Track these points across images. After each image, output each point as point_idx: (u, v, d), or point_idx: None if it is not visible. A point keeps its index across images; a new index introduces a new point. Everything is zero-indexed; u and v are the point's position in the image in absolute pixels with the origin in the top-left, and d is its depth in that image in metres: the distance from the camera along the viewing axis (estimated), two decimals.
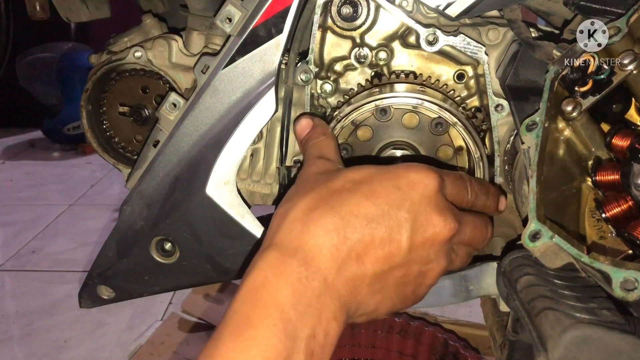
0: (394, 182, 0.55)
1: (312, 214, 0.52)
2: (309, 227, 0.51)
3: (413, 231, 0.53)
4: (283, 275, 0.49)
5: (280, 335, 0.46)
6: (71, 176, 3.57)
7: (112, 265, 0.86)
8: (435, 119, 0.77)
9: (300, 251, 0.50)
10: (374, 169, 0.57)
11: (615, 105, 0.67)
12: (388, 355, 1.63)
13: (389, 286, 0.54)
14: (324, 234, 0.51)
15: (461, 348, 1.53)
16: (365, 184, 0.54)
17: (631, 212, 0.61)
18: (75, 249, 2.58)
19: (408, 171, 0.56)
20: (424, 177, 0.55)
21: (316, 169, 0.60)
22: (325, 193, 0.54)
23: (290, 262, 0.50)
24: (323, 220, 0.51)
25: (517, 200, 0.78)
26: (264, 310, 0.47)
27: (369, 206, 0.53)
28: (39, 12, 1.05)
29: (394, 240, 0.52)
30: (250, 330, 0.46)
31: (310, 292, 0.49)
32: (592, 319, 0.52)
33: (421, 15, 0.81)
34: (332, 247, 0.51)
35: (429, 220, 0.54)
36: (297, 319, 0.47)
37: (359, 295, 0.52)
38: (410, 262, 0.54)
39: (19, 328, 2.01)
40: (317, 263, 0.50)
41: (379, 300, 0.54)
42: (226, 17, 0.77)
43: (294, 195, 0.56)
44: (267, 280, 0.49)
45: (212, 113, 0.79)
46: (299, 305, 0.48)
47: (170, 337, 1.86)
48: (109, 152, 0.99)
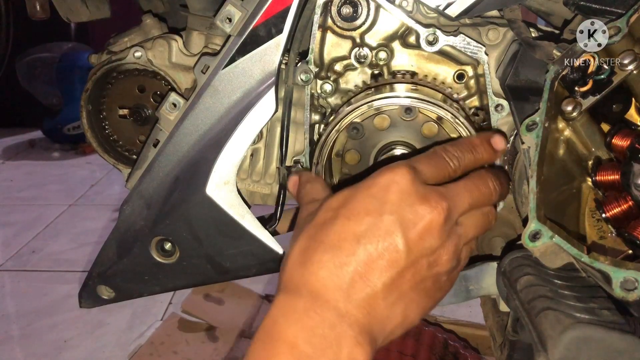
0: (367, 192, 0.56)
1: (306, 254, 0.54)
2: (307, 267, 0.53)
3: (404, 230, 0.53)
4: (291, 314, 0.51)
5: None
6: (71, 176, 3.57)
7: (112, 265, 0.86)
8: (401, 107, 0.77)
9: (304, 289, 0.52)
10: (347, 190, 0.58)
11: (615, 105, 0.67)
12: (388, 355, 1.63)
13: (406, 291, 0.54)
14: (321, 267, 0.52)
15: (461, 348, 1.53)
16: (344, 207, 0.56)
17: (631, 212, 0.61)
18: (75, 249, 2.58)
19: (377, 177, 0.57)
20: (393, 175, 0.56)
21: (305, 213, 0.62)
22: (313, 231, 0.56)
23: (297, 301, 0.52)
24: (317, 255, 0.53)
25: (517, 200, 0.78)
26: (275, 350, 0.49)
27: (353, 225, 0.54)
28: (39, 12, 1.05)
29: (389, 247, 0.53)
30: None
31: (322, 323, 0.50)
32: (592, 319, 0.52)
33: (421, 15, 0.81)
34: (333, 277, 0.52)
35: (415, 213, 0.54)
36: (313, 351, 0.48)
37: (378, 313, 0.52)
38: (416, 260, 0.54)
39: (19, 328, 2.00)
40: (324, 296, 0.51)
41: (402, 309, 0.54)
42: (226, 17, 0.77)
43: (291, 244, 0.58)
44: (277, 322, 0.51)
45: (212, 113, 0.79)
46: (312, 338, 0.49)
47: (170, 337, 1.86)
48: (109, 152, 0.99)
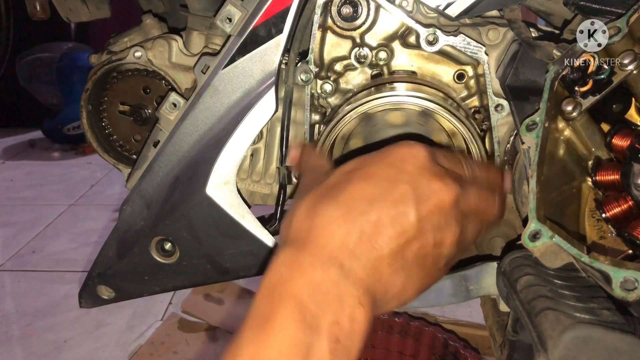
0: (385, 160, 0.56)
1: (315, 210, 0.53)
2: (314, 221, 0.52)
3: (417, 202, 0.53)
4: (296, 269, 0.50)
5: (299, 324, 0.46)
6: (71, 176, 3.57)
7: (112, 265, 0.86)
8: (420, 110, 0.77)
9: (310, 244, 0.51)
10: (363, 156, 0.58)
11: (615, 105, 0.67)
12: (388, 355, 1.63)
13: (409, 261, 0.54)
14: (330, 222, 0.52)
15: (461, 348, 1.53)
16: (359, 170, 0.55)
17: (631, 212, 0.61)
18: (75, 249, 2.58)
19: (396, 148, 0.57)
20: (413, 149, 0.56)
21: (310, 178, 0.62)
22: (324, 189, 0.55)
23: (302, 255, 0.50)
24: (326, 210, 0.52)
25: (517, 200, 0.78)
26: (280, 303, 0.48)
27: (368, 187, 0.53)
28: (39, 12, 1.05)
29: (400, 214, 0.52)
30: (268, 324, 0.47)
31: (327, 280, 0.49)
32: (592, 319, 0.52)
33: (421, 15, 0.81)
34: (341, 233, 0.51)
35: (430, 188, 0.54)
36: (316, 307, 0.47)
37: (382, 277, 0.52)
38: (423, 232, 0.53)
39: (19, 328, 2.00)
40: (330, 251, 0.50)
41: (403, 279, 0.54)
42: (226, 17, 0.77)
43: (295, 203, 0.58)
44: (282, 277, 0.49)
45: (212, 113, 0.79)
46: (316, 294, 0.48)
47: (170, 337, 1.86)
48: (109, 152, 0.99)
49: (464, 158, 0.62)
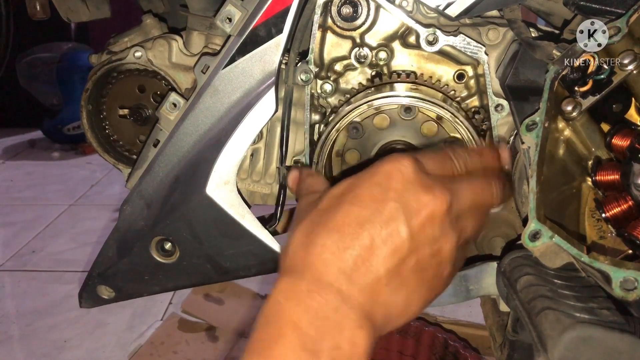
0: (371, 181, 0.56)
1: (309, 237, 0.54)
2: (309, 249, 0.53)
3: (408, 217, 0.54)
4: (294, 297, 0.51)
5: (298, 351, 0.47)
6: (71, 176, 3.57)
7: (112, 265, 0.86)
8: (400, 107, 0.78)
9: (307, 271, 0.52)
10: (350, 178, 0.58)
11: (615, 105, 0.67)
12: (388, 355, 1.63)
13: (408, 278, 0.54)
14: (324, 250, 0.52)
15: (461, 348, 1.53)
16: (347, 194, 0.56)
17: (631, 212, 0.61)
18: (75, 249, 2.58)
19: (381, 165, 0.57)
20: (397, 164, 0.56)
21: (305, 203, 0.63)
22: (316, 216, 0.56)
23: (300, 284, 0.51)
24: (320, 239, 0.53)
25: (517, 200, 0.78)
26: (280, 331, 0.49)
27: (357, 210, 0.54)
28: (39, 12, 1.05)
29: (392, 233, 0.53)
30: (269, 350, 0.48)
31: (326, 306, 0.50)
32: (592, 319, 0.52)
33: (421, 15, 0.81)
34: (336, 260, 0.52)
35: (419, 202, 0.54)
36: (315, 333, 0.48)
37: (380, 298, 0.53)
38: (418, 247, 0.54)
39: (19, 328, 2.00)
40: (327, 278, 0.51)
41: (405, 297, 0.54)
42: (226, 17, 0.77)
43: (291, 230, 0.59)
44: (280, 305, 0.51)
45: (212, 113, 0.79)
46: (315, 320, 0.49)
47: (170, 337, 1.86)
48: (109, 152, 0.99)
49: (453, 152, 0.62)
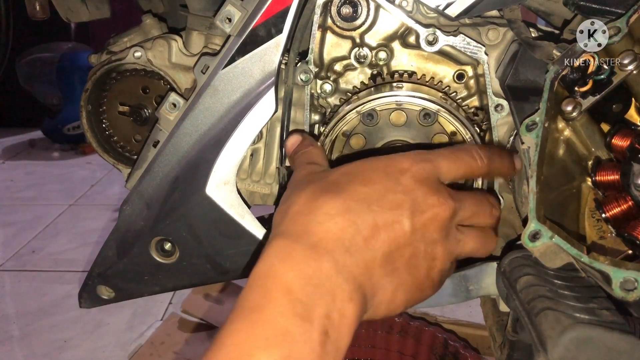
0: (384, 169, 0.56)
1: (315, 203, 0.53)
2: (312, 215, 0.52)
3: (413, 213, 0.54)
4: (289, 260, 0.50)
5: (289, 316, 0.46)
6: (71, 176, 3.57)
7: (112, 265, 0.86)
8: (422, 110, 0.78)
9: (305, 236, 0.51)
10: (364, 161, 0.58)
11: (615, 105, 0.67)
12: (388, 355, 1.63)
13: (401, 269, 0.54)
14: (329, 219, 0.52)
15: (461, 348, 1.53)
16: (360, 174, 0.56)
17: (631, 212, 0.61)
18: (75, 249, 2.58)
19: (397, 159, 0.58)
20: (413, 163, 0.57)
21: (307, 172, 0.62)
22: (324, 184, 0.56)
23: (296, 247, 0.50)
24: (326, 206, 0.53)
25: (517, 200, 0.78)
26: (271, 294, 0.47)
27: (367, 192, 0.54)
28: (39, 12, 1.05)
29: (396, 221, 0.53)
30: (257, 314, 0.46)
31: (320, 273, 0.49)
32: (592, 319, 0.52)
33: (421, 15, 0.81)
34: (338, 230, 0.51)
35: (426, 201, 0.55)
36: (307, 299, 0.47)
37: (373, 277, 0.52)
38: (416, 242, 0.54)
39: (19, 328, 2.01)
40: (325, 245, 0.50)
41: (394, 285, 0.54)
42: (226, 17, 0.77)
43: (292, 194, 0.57)
44: (273, 267, 0.49)
45: (212, 113, 0.79)
46: (308, 286, 0.48)
47: (170, 337, 1.86)
48: (109, 152, 0.99)
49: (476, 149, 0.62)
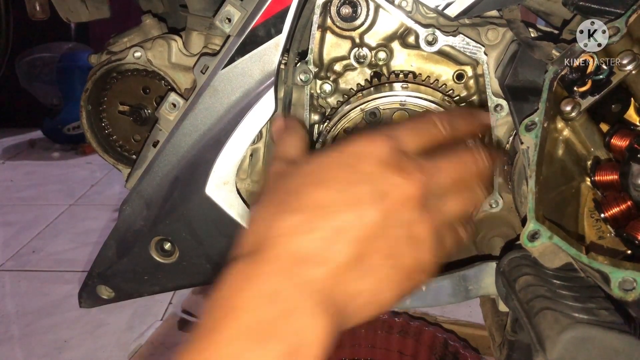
0: (339, 161, 0.53)
1: (273, 219, 0.51)
2: (271, 231, 0.50)
3: (377, 200, 0.50)
4: (248, 280, 0.47)
5: (245, 338, 0.44)
6: (71, 176, 3.57)
7: (111, 265, 0.87)
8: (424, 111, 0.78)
9: (264, 254, 0.49)
10: (319, 156, 0.55)
11: (614, 105, 0.67)
12: (388, 355, 1.63)
13: (377, 265, 0.50)
14: (286, 232, 0.49)
15: (461, 348, 1.53)
16: (314, 174, 0.53)
17: (630, 212, 0.61)
18: (75, 249, 2.58)
19: (351, 145, 0.54)
20: (370, 144, 0.53)
21: (274, 172, 0.59)
22: (281, 196, 0.53)
23: (256, 266, 0.48)
24: (281, 221, 0.50)
25: (517, 200, 0.78)
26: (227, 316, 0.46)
27: (324, 196, 0.50)
28: (39, 12, 1.05)
29: (359, 216, 0.49)
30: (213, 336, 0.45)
31: (281, 291, 0.46)
32: (591, 319, 0.52)
33: (420, 16, 0.81)
34: (297, 242, 0.48)
35: (389, 183, 0.51)
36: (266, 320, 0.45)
37: (344, 286, 0.49)
38: (390, 229, 0.50)
39: (19, 328, 2.01)
40: (285, 261, 0.48)
41: (373, 285, 0.50)
42: (226, 17, 0.77)
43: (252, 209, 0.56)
44: (232, 288, 0.48)
45: (211, 113, 0.79)
46: (267, 305, 0.46)
47: (170, 337, 1.86)
48: (109, 152, 0.99)
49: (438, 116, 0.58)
